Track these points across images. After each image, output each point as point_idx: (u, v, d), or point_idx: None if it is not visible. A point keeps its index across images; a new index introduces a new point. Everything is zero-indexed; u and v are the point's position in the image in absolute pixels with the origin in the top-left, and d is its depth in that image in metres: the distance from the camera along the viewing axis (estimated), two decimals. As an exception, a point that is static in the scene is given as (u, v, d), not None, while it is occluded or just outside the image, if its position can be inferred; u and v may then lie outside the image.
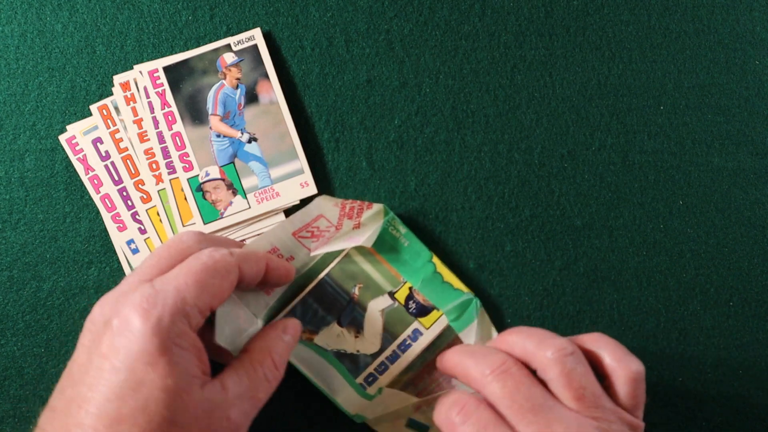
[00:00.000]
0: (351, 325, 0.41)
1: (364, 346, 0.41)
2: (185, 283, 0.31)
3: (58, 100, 0.44)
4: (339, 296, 0.41)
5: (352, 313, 0.41)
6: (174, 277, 0.31)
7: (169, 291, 0.30)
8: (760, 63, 0.45)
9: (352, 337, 0.41)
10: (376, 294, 0.41)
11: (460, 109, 0.44)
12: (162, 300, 0.30)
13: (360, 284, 0.41)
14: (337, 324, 0.41)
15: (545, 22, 0.45)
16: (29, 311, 0.43)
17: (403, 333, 0.41)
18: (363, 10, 0.44)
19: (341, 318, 0.41)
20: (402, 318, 0.41)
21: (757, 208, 0.44)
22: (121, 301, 0.30)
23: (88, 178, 0.43)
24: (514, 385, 0.32)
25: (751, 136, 0.44)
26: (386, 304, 0.41)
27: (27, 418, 0.43)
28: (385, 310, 0.41)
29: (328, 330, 0.41)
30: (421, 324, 0.41)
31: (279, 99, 0.43)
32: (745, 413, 0.43)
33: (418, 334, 0.41)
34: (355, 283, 0.41)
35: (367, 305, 0.41)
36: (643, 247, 0.44)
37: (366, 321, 0.41)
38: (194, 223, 0.42)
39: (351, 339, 0.41)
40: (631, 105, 0.44)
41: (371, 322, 0.41)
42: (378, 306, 0.41)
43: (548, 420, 0.31)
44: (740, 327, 0.44)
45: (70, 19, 0.44)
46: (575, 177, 0.44)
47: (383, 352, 0.41)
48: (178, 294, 0.30)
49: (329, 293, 0.41)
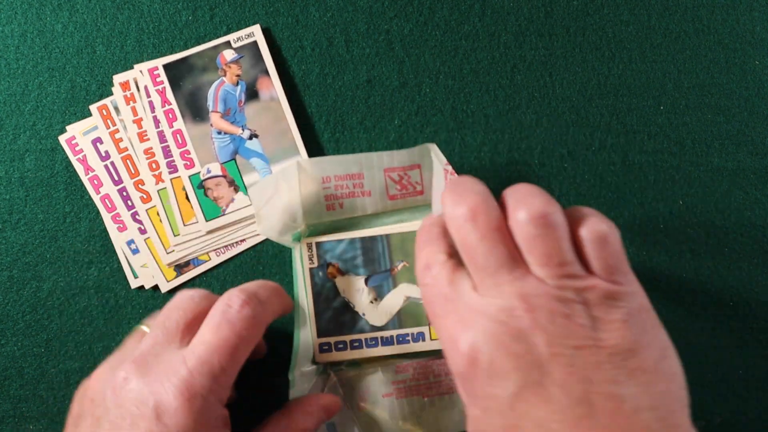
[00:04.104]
0: (373, 290, 0.41)
1: (371, 314, 0.41)
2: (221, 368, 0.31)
3: (58, 100, 0.44)
4: (382, 260, 0.41)
5: (382, 282, 0.41)
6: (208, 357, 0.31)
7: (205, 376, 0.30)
8: (760, 63, 0.45)
9: (368, 300, 0.41)
10: (412, 280, 0.41)
11: (460, 109, 0.44)
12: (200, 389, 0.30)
13: (406, 263, 0.41)
14: (364, 281, 0.41)
15: (545, 22, 0.45)
16: (29, 311, 0.43)
17: (410, 328, 0.41)
18: (363, 10, 0.44)
19: (371, 278, 0.41)
20: (418, 316, 0.41)
21: (757, 208, 0.44)
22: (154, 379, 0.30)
23: (88, 179, 0.43)
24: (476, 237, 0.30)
25: (751, 136, 0.45)
26: (414, 295, 0.41)
27: (27, 418, 0.43)
28: (409, 299, 0.41)
29: (353, 278, 0.41)
30: (430, 332, 0.41)
31: (279, 95, 0.43)
32: (745, 413, 0.43)
33: (421, 337, 0.41)
34: (402, 259, 0.41)
35: (399, 284, 0.41)
36: (643, 247, 0.44)
37: (388, 296, 0.41)
38: (195, 221, 0.42)
39: (366, 301, 0.41)
40: (631, 105, 0.44)
41: (392, 300, 0.41)
42: (406, 292, 0.41)
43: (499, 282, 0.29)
44: (740, 327, 0.44)
45: (70, 19, 0.44)
46: (575, 177, 0.44)
47: (381, 330, 0.41)
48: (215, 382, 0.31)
49: (377, 252, 0.41)
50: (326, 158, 0.41)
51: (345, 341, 0.40)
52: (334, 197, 0.40)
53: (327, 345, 0.40)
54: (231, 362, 0.31)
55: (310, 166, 0.40)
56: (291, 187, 0.40)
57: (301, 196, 0.40)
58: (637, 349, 0.28)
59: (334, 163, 0.40)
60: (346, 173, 0.40)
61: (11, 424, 0.43)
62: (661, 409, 0.27)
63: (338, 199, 0.41)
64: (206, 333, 0.32)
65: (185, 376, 0.30)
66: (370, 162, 0.40)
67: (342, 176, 0.40)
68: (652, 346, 0.29)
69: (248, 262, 0.43)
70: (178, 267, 0.43)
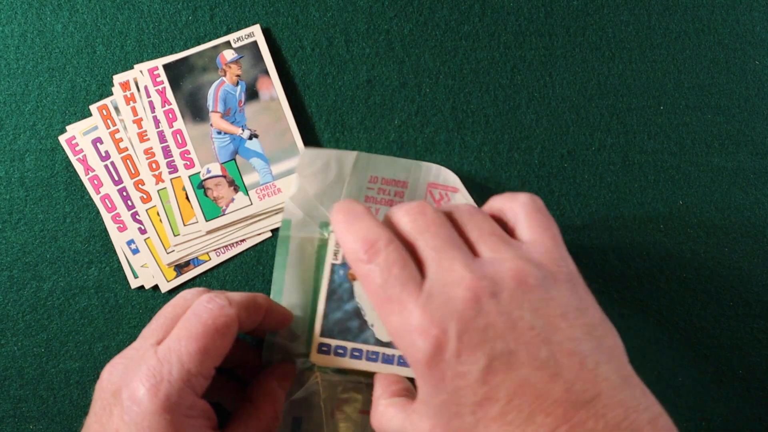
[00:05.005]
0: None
1: (380, 328, 0.39)
2: (188, 353, 0.32)
3: (58, 100, 0.44)
4: None
5: None
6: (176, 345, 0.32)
7: (173, 364, 0.31)
8: (760, 63, 0.45)
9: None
10: None
11: (460, 109, 0.44)
12: (167, 374, 0.31)
13: None
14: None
15: (545, 22, 0.45)
16: (29, 311, 0.43)
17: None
18: (363, 10, 0.44)
19: None
20: None
21: (757, 208, 0.44)
22: (129, 370, 0.32)
23: (88, 179, 0.43)
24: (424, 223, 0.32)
25: (751, 136, 0.45)
26: None
27: (27, 418, 0.43)
28: None
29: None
30: None
31: (279, 95, 0.43)
32: (745, 413, 0.43)
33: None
34: None
35: None
36: (643, 247, 0.44)
37: None
38: (195, 221, 0.42)
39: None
40: (631, 105, 0.45)
41: None
42: None
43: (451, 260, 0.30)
44: (740, 327, 0.44)
45: (70, 19, 0.44)
46: (575, 177, 0.44)
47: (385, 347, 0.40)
48: (183, 367, 0.31)
49: None
50: (382, 157, 0.40)
51: (346, 348, 0.39)
52: (373, 200, 0.40)
53: (326, 347, 0.39)
54: (198, 349, 0.32)
55: (367, 160, 0.39)
56: (342, 173, 0.39)
57: (346, 185, 0.39)
58: (585, 307, 0.30)
59: (387, 163, 0.40)
60: (393, 178, 0.40)
61: (11, 424, 0.43)
62: (615, 361, 0.29)
63: (376, 204, 0.40)
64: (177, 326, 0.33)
65: (153, 363, 0.31)
66: (418, 171, 0.40)
67: (389, 180, 0.40)
68: (594, 307, 0.31)
69: (248, 262, 0.43)
70: (178, 267, 0.43)
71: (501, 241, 0.31)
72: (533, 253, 0.31)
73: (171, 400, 0.30)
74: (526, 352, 0.28)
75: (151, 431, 0.30)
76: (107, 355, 0.43)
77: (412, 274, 0.30)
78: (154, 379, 0.30)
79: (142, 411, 0.30)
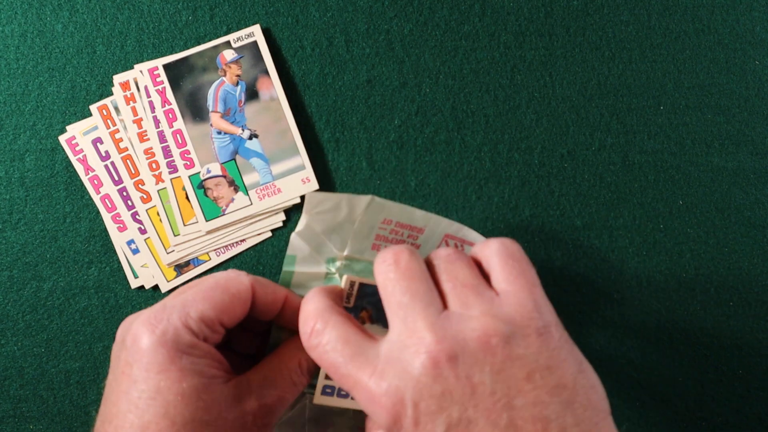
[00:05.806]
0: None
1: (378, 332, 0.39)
2: (192, 299, 0.32)
3: (58, 100, 0.44)
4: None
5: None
6: (184, 296, 0.33)
7: (175, 306, 0.32)
8: (760, 63, 0.45)
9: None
10: None
11: (460, 109, 0.44)
12: (167, 315, 0.32)
13: None
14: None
15: (545, 22, 0.45)
16: (29, 311, 0.43)
17: None
18: (363, 10, 0.44)
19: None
20: None
21: (757, 208, 0.44)
22: (134, 320, 0.32)
23: (88, 179, 0.43)
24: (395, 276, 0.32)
25: (751, 136, 0.45)
26: None
27: (27, 418, 0.43)
28: None
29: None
30: None
31: (279, 95, 0.43)
32: (745, 413, 0.43)
33: None
34: None
35: None
36: (643, 247, 0.44)
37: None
38: (195, 221, 0.42)
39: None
40: (631, 105, 0.45)
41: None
42: None
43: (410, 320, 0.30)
44: (740, 327, 0.44)
45: (70, 19, 0.44)
46: (575, 177, 0.44)
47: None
48: (183, 308, 0.32)
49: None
50: (400, 205, 0.39)
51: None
52: (384, 239, 0.39)
53: (331, 389, 0.38)
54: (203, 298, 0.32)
55: (381, 204, 0.39)
56: (352, 213, 0.38)
57: (357, 224, 0.38)
58: (557, 364, 0.29)
59: (404, 211, 0.38)
60: (409, 223, 0.39)
61: (11, 424, 0.43)
62: (585, 422, 0.28)
63: (386, 242, 0.40)
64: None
65: (158, 308, 0.32)
66: (438, 223, 0.38)
67: (403, 224, 0.39)
68: (568, 361, 0.29)
69: (248, 262, 0.43)
70: (178, 267, 0.43)
71: (473, 294, 0.31)
72: (504, 307, 0.30)
73: (167, 336, 0.31)
74: (485, 419, 0.27)
75: (149, 365, 0.30)
76: (107, 355, 0.43)
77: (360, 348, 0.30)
78: (155, 319, 0.31)
79: (140, 348, 0.31)
